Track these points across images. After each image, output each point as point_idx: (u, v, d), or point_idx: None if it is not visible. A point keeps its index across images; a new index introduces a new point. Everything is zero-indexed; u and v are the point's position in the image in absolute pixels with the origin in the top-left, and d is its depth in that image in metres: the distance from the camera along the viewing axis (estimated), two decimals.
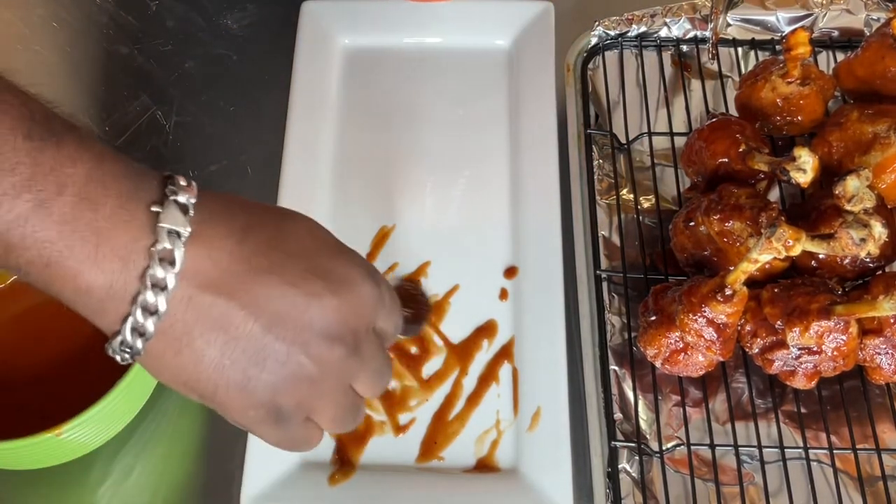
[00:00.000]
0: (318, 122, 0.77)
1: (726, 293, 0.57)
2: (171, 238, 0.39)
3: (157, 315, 0.39)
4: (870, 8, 0.80)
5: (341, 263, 0.44)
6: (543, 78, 0.76)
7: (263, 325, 0.41)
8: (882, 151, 0.63)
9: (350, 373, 0.44)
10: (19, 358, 0.65)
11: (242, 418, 0.43)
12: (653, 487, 0.61)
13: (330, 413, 0.45)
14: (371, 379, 0.45)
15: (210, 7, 0.86)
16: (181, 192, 0.40)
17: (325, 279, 0.42)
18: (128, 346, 0.40)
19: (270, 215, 0.44)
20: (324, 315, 0.42)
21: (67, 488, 0.63)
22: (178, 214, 0.39)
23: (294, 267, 0.42)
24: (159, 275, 0.39)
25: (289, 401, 0.42)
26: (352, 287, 0.43)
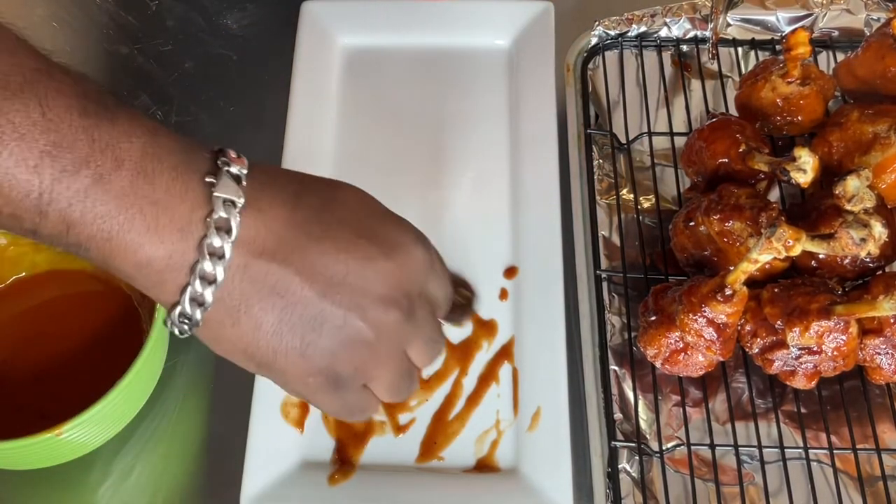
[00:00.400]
0: (318, 122, 0.77)
1: (726, 293, 0.57)
2: (227, 207, 0.40)
3: (215, 284, 0.40)
4: (870, 8, 0.80)
5: (392, 228, 0.45)
6: (543, 78, 0.76)
7: (319, 291, 0.41)
8: (882, 151, 0.63)
9: (405, 338, 0.44)
10: (19, 358, 0.65)
11: (302, 386, 0.43)
12: (653, 487, 0.61)
13: (387, 379, 0.45)
14: (425, 346, 0.46)
15: (210, 7, 0.86)
16: (233, 164, 0.41)
17: (377, 243, 0.43)
18: (187, 316, 0.41)
19: (319, 184, 0.45)
20: (379, 279, 0.42)
21: (67, 488, 0.63)
22: (231, 184, 0.40)
23: (346, 232, 0.43)
24: (216, 244, 0.39)
25: (347, 366, 0.43)
26: (404, 250, 0.44)
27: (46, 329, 0.66)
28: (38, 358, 0.65)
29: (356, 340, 0.42)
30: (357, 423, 0.53)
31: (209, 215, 0.40)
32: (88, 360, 0.64)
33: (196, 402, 0.66)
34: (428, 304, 0.46)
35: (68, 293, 0.68)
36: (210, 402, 0.66)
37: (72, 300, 0.68)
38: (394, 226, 0.45)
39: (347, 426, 0.64)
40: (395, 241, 0.44)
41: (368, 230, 0.43)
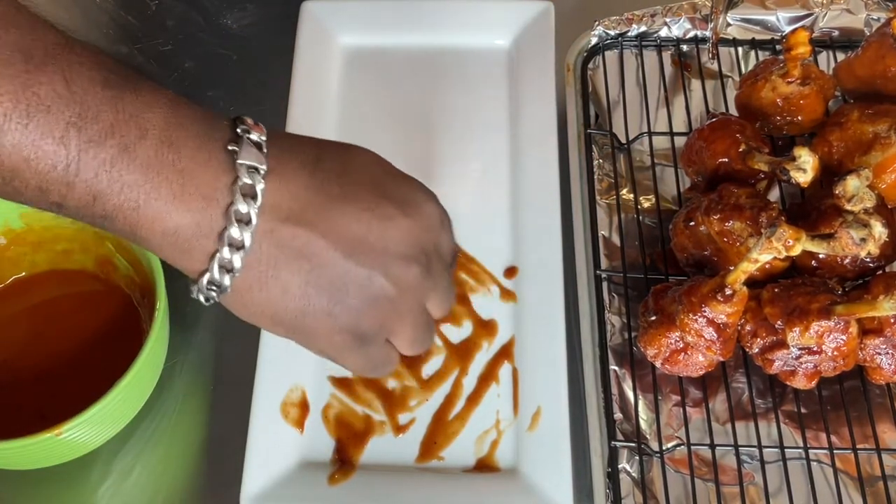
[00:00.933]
0: (318, 122, 0.77)
1: (726, 293, 0.57)
2: (251, 174, 0.41)
3: (243, 249, 0.41)
4: (870, 8, 0.80)
5: (406, 188, 0.46)
6: (543, 78, 0.76)
7: (344, 252, 0.42)
8: (882, 151, 0.63)
9: (424, 292, 0.46)
10: (19, 358, 0.65)
11: (328, 345, 0.45)
12: (653, 487, 0.61)
13: (409, 333, 0.47)
14: (441, 297, 0.47)
15: (210, 7, 0.86)
16: (253, 131, 0.42)
17: (395, 202, 0.44)
18: (215, 283, 0.42)
19: (335, 148, 0.46)
20: (399, 236, 0.44)
21: (67, 488, 0.63)
22: (254, 151, 0.41)
23: (365, 193, 0.44)
24: (243, 210, 0.40)
25: (372, 323, 0.44)
26: (420, 207, 0.45)
27: (46, 329, 0.66)
28: (38, 358, 0.65)
29: (380, 297, 0.44)
30: (381, 376, 0.55)
31: (234, 182, 0.40)
32: (88, 360, 0.64)
33: (196, 402, 0.66)
34: (441, 258, 0.47)
35: (68, 293, 0.68)
36: (210, 402, 0.66)
37: (72, 300, 0.68)
38: (407, 185, 0.46)
39: (347, 426, 0.64)
40: (411, 199, 0.45)
41: (385, 190, 0.45)
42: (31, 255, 0.67)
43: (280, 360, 0.65)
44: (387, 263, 0.44)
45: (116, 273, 0.67)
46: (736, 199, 0.62)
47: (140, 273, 0.64)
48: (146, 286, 0.63)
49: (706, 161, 0.67)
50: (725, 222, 0.61)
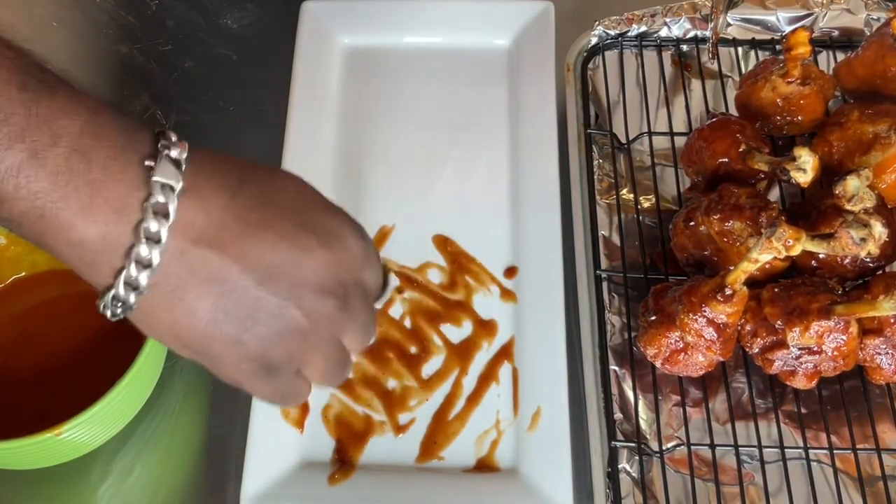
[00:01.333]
0: (318, 122, 0.77)
1: (726, 293, 0.57)
2: (165, 192, 0.39)
3: (150, 269, 0.39)
4: (870, 8, 0.80)
5: (330, 218, 0.45)
6: (543, 78, 0.76)
7: (257, 280, 0.41)
8: (882, 151, 0.63)
9: (340, 326, 0.44)
10: (19, 358, 0.65)
11: (235, 372, 0.43)
12: (653, 487, 0.61)
13: (320, 366, 0.45)
14: (359, 332, 0.46)
15: (210, 7, 0.86)
16: (173, 148, 0.40)
17: (316, 233, 0.43)
18: (120, 300, 0.40)
19: (261, 172, 0.44)
20: (316, 268, 0.42)
21: (67, 488, 0.63)
22: (170, 168, 0.40)
23: (286, 222, 0.42)
24: (153, 228, 0.39)
25: (281, 353, 0.43)
26: (341, 240, 0.44)
27: (46, 329, 0.66)
28: (38, 358, 0.65)
29: (292, 329, 0.42)
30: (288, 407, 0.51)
31: (147, 199, 0.39)
32: (88, 360, 0.64)
33: (196, 402, 0.66)
34: (362, 293, 0.46)
35: (68, 293, 0.68)
36: (210, 402, 0.66)
37: (72, 300, 0.68)
38: (332, 216, 0.45)
39: (347, 426, 0.64)
40: (333, 230, 0.44)
41: (307, 220, 0.43)
42: (31, 255, 0.67)
43: None
44: (301, 295, 0.42)
45: None
46: (736, 199, 0.62)
47: None
48: None
49: (706, 161, 0.67)
50: (725, 222, 0.61)
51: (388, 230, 0.72)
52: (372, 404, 0.65)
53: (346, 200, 0.73)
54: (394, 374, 0.66)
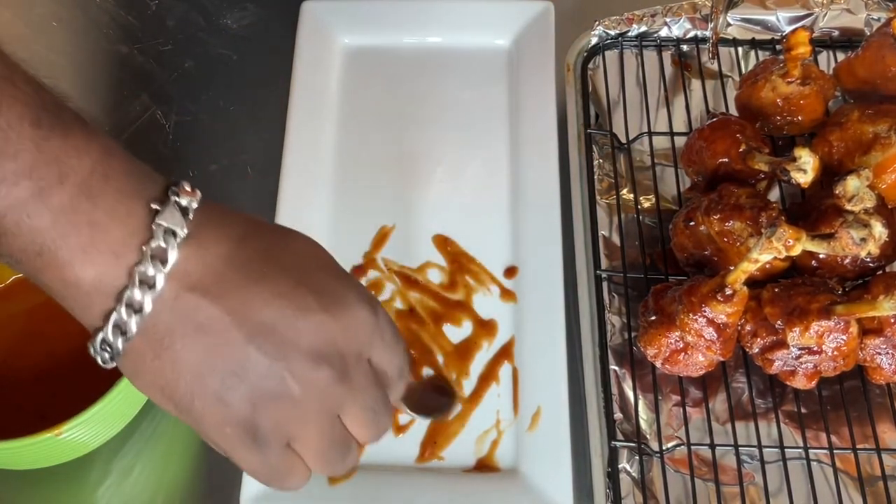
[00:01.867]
0: (318, 122, 0.77)
1: (726, 293, 0.57)
2: (167, 237, 0.38)
3: (140, 314, 0.38)
4: (870, 8, 0.80)
5: (338, 284, 0.42)
6: (543, 78, 0.76)
7: (247, 335, 0.39)
8: (882, 151, 0.63)
9: (336, 400, 0.41)
10: (19, 358, 0.65)
11: (219, 436, 0.41)
12: (653, 487, 0.61)
13: (313, 444, 0.42)
14: (362, 415, 0.43)
15: (210, 7, 0.86)
16: (183, 195, 0.40)
17: (318, 295, 0.41)
18: (108, 344, 0.39)
19: (272, 229, 0.43)
20: (312, 331, 0.40)
21: (67, 488, 0.63)
22: (177, 215, 0.39)
23: (287, 279, 0.40)
24: (149, 272, 0.38)
25: (267, 420, 0.40)
26: (345, 308, 0.41)
27: (46, 329, 0.66)
28: (38, 358, 0.65)
29: (279, 392, 0.40)
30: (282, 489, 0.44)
31: (146, 242, 0.38)
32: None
33: None
34: (370, 372, 0.43)
35: None
36: None
37: None
38: (341, 282, 0.42)
39: None
40: (338, 296, 0.41)
41: (311, 281, 0.41)
42: None
43: None
44: (291, 357, 0.39)
45: None
46: (736, 199, 0.62)
47: None
48: None
49: (706, 161, 0.67)
50: (725, 222, 0.61)
51: (388, 230, 0.72)
52: None
53: (346, 200, 0.74)
54: None
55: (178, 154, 0.77)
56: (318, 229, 0.71)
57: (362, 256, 0.71)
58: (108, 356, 0.40)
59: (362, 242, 0.71)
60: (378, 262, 0.71)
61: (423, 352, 0.67)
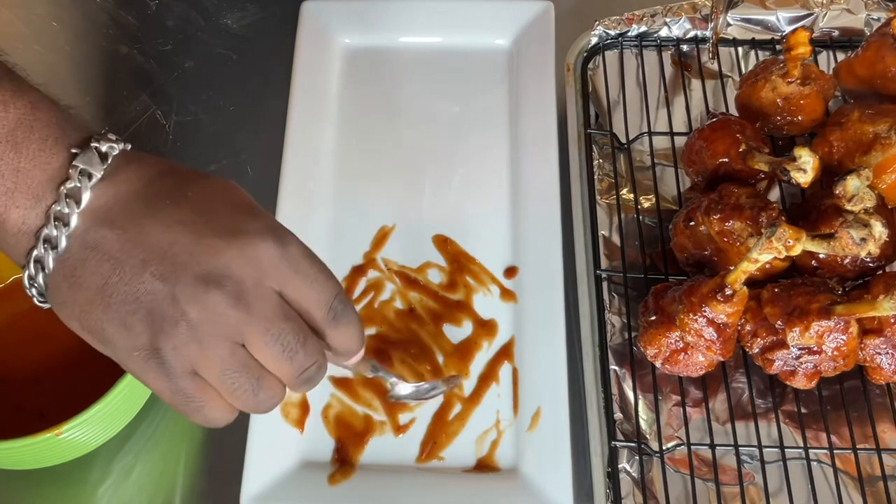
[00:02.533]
0: (318, 122, 0.77)
1: (726, 293, 0.57)
2: (82, 178, 0.41)
3: (56, 249, 0.41)
4: (870, 8, 0.80)
5: (244, 217, 0.43)
6: (543, 78, 0.76)
7: (143, 260, 0.41)
8: (882, 151, 0.63)
9: (232, 326, 0.41)
10: (19, 358, 0.65)
11: (130, 361, 0.42)
12: (653, 487, 0.61)
13: (215, 371, 0.42)
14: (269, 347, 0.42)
15: (210, 7, 0.86)
16: (105, 142, 0.43)
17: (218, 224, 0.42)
18: (32, 279, 0.43)
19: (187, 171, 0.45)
20: (206, 255, 0.41)
21: (67, 488, 0.63)
22: (94, 158, 0.42)
23: (190, 211, 0.42)
24: (64, 211, 0.41)
25: (167, 344, 0.41)
26: (245, 236, 0.42)
27: (46, 329, 0.66)
28: (38, 358, 0.65)
29: (174, 317, 0.41)
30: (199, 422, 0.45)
31: (63, 184, 0.41)
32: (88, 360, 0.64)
33: None
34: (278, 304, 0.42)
35: None
36: None
37: None
38: (248, 216, 0.43)
39: (347, 426, 0.64)
40: (240, 227, 0.42)
41: (215, 213, 0.42)
42: None
43: None
44: (183, 280, 0.40)
45: None
46: (736, 199, 0.62)
47: None
48: None
49: (706, 161, 0.67)
50: (725, 222, 0.61)
51: (388, 230, 0.72)
52: (372, 404, 0.65)
53: (346, 200, 0.74)
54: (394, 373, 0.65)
55: (179, 154, 0.77)
56: (318, 229, 0.71)
57: (362, 256, 0.71)
58: (35, 292, 0.43)
59: (362, 242, 0.71)
60: (378, 262, 0.71)
61: (424, 352, 0.67)
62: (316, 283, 0.44)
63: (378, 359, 0.66)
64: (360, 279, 0.70)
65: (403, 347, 0.67)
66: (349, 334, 0.46)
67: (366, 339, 0.49)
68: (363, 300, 0.69)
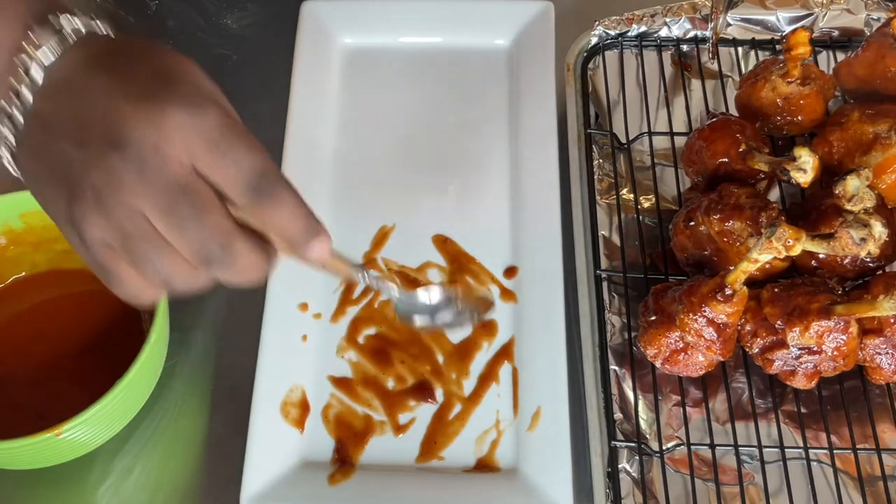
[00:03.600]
0: (317, 122, 0.77)
1: (726, 293, 0.57)
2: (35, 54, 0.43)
3: (11, 121, 0.43)
4: (870, 8, 0.80)
5: (167, 85, 0.42)
6: (543, 78, 0.76)
7: (66, 128, 0.42)
8: (882, 151, 0.63)
9: (129, 193, 0.40)
10: (19, 358, 0.65)
11: (63, 232, 0.43)
12: (653, 487, 0.61)
13: (117, 239, 0.41)
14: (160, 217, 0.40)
15: (210, 7, 0.86)
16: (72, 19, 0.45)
17: (137, 90, 0.41)
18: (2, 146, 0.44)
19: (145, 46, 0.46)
20: (115, 123, 0.40)
21: (67, 488, 0.63)
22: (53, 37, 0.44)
23: (119, 79, 0.42)
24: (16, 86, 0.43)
25: (77, 211, 0.41)
26: (156, 102, 0.41)
27: (46, 329, 0.66)
28: (38, 358, 0.65)
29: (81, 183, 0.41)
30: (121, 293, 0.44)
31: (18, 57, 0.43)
32: (88, 360, 0.64)
33: (196, 402, 0.66)
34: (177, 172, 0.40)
35: (68, 293, 0.68)
36: (210, 402, 0.66)
37: (72, 300, 0.68)
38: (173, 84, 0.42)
39: (347, 426, 0.64)
40: (157, 94, 0.41)
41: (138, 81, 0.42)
42: (31, 255, 0.67)
43: (280, 360, 0.65)
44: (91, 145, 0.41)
45: None
46: (736, 199, 0.62)
47: None
48: None
49: (706, 161, 0.67)
50: (725, 222, 0.61)
51: (388, 230, 0.72)
52: (372, 404, 0.65)
53: (345, 200, 0.74)
54: (394, 374, 0.66)
55: None
56: None
57: (362, 256, 0.71)
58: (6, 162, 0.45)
59: (362, 242, 0.71)
60: (378, 262, 0.71)
61: (424, 352, 0.67)
62: (231, 155, 0.41)
63: (378, 358, 0.66)
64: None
65: (403, 347, 0.67)
66: (282, 217, 0.42)
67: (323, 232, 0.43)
68: (363, 300, 0.69)
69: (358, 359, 0.66)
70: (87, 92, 0.42)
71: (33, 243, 0.67)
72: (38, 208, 0.63)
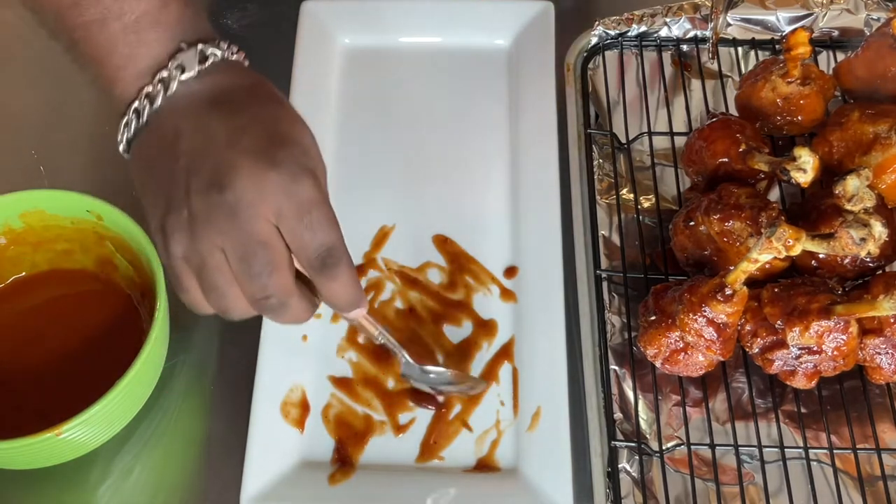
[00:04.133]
0: (318, 122, 0.76)
1: (726, 293, 0.57)
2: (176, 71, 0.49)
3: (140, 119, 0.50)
4: (870, 8, 0.80)
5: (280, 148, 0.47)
6: (543, 78, 0.76)
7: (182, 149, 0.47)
8: (882, 151, 0.63)
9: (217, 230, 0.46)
10: (19, 358, 0.65)
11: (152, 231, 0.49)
12: (653, 487, 0.61)
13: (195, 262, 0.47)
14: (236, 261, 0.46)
15: (210, 7, 0.86)
16: (212, 47, 0.50)
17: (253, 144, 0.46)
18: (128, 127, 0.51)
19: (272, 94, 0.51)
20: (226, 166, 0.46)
21: (67, 488, 0.63)
22: (193, 58, 0.49)
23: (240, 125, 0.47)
24: (153, 92, 0.49)
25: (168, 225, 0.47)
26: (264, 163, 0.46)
27: (46, 329, 0.66)
28: (38, 358, 0.65)
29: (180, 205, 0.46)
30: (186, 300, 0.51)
31: (160, 71, 0.49)
32: (88, 360, 0.64)
33: (196, 402, 0.66)
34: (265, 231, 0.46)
35: (68, 293, 0.68)
36: (210, 402, 0.66)
37: (72, 300, 0.68)
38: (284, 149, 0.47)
39: (347, 426, 0.64)
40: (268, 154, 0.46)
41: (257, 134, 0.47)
42: (31, 255, 0.67)
43: (280, 360, 0.65)
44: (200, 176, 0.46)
45: (116, 273, 0.67)
46: (736, 199, 0.62)
47: (140, 273, 0.64)
48: (146, 286, 0.63)
49: (706, 161, 0.67)
50: (725, 222, 0.61)
51: (388, 230, 0.72)
52: (372, 404, 0.65)
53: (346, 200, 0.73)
54: (394, 374, 0.66)
55: None
56: None
57: (362, 256, 0.71)
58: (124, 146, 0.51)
59: (362, 242, 0.71)
60: (378, 262, 0.71)
61: (424, 352, 0.67)
62: (311, 227, 0.47)
63: (378, 358, 0.66)
64: (361, 279, 0.70)
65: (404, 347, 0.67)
66: (336, 289, 0.49)
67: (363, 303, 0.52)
68: None
69: (358, 359, 0.66)
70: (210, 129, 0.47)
71: (33, 243, 0.67)
72: (38, 208, 0.63)
